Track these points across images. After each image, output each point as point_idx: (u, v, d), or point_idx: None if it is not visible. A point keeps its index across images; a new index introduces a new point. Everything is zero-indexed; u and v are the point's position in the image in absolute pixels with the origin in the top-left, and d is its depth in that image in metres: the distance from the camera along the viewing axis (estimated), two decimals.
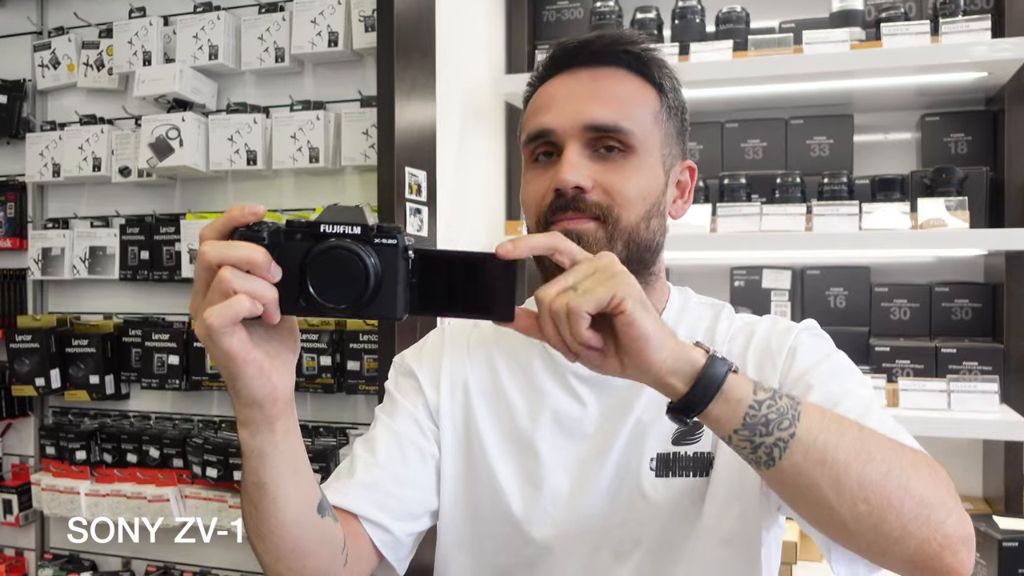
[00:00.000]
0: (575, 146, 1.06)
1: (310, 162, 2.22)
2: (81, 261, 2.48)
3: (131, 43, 2.40)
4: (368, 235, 0.80)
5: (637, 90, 1.10)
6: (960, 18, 2.27)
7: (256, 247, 0.77)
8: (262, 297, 0.77)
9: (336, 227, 0.80)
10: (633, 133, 1.07)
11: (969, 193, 2.32)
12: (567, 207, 1.05)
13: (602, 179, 1.06)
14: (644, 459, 1.09)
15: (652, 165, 1.09)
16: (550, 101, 1.11)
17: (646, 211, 1.08)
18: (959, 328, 2.50)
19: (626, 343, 0.81)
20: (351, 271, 0.78)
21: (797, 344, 1.10)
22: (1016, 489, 2.29)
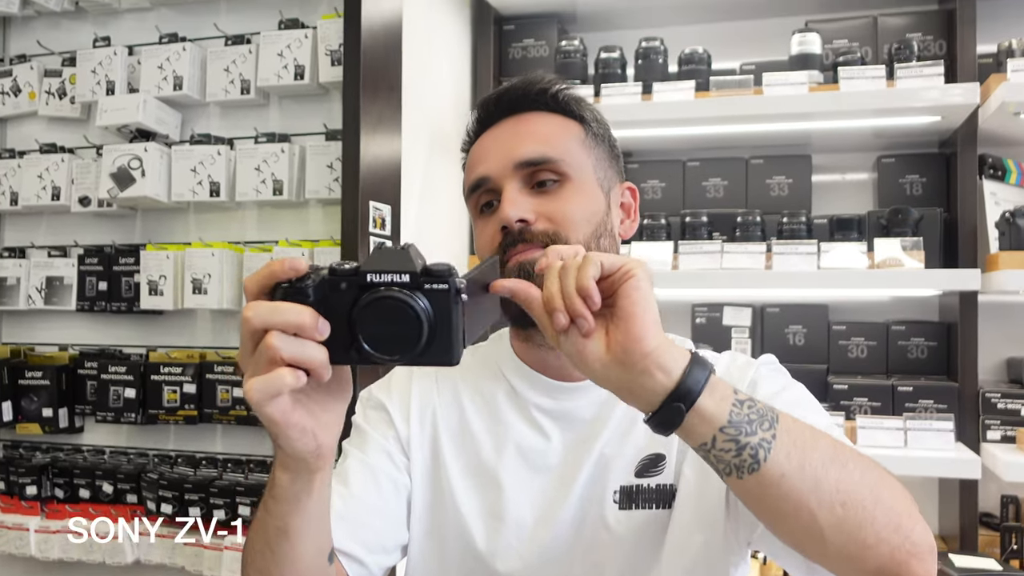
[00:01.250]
0: (512, 185, 1.11)
1: (274, 194, 2.21)
2: (37, 291, 2.44)
3: (95, 72, 2.38)
4: (418, 281, 0.75)
5: (559, 125, 1.16)
6: (914, 64, 2.34)
7: (302, 308, 0.74)
8: (311, 361, 0.74)
9: (383, 275, 0.75)
10: (563, 161, 1.12)
11: (924, 233, 2.37)
12: (515, 242, 1.08)
13: (544, 209, 1.10)
14: (608, 491, 1.10)
15: (589, 189, 1.13)
16: (482, 154, 1.16)
17: (593, 231, 1.11)
18: (915, 366, 2.54)
19: (624, 311, 0.81)
20: (402, 321, 0.75)
21: (757, 377, 1.12)
22: (971, 527, 2.32)
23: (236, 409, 2.21)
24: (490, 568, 1.12)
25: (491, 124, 1.19)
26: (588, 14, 2.91)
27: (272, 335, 0.73)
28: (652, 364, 0.80)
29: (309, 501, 0.86)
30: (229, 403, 2.21)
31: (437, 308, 0.76)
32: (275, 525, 0.87)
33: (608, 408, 1.13)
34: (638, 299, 0.81)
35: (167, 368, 2.27)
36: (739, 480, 0.83)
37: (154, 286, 2.28)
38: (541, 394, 1.16)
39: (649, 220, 2.57)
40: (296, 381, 0.74)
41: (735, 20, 2.87)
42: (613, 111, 2.52)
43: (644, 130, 2.63)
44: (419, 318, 0.75)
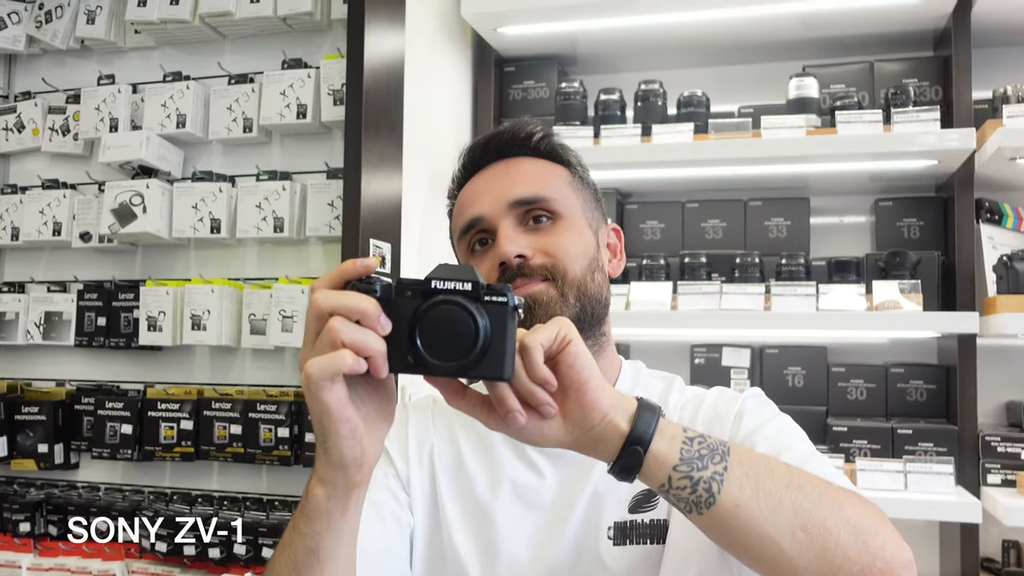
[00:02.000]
0: (507, 222, 1.14)
1: (274, 231, 2.22)
2: (36, 326, 2.43)
3: (98, 109, 2.40)
4: (478, 292, 0.79)
5: (546, 167, 1.20)
6: (911, 108, 2.36)
7: (367, 298, 0.77)
8: (369, 349, 0.76)
9: (447, 283, 0.79)
10: (555, 199, 1.16)
11: (922, 276, 2.38)
12: (513, 277, 1.11)
13: (540, 245, 1.13)
14: (602, 528, 1.10)
15: (580, 227, 1.18)
16: (473, 196, 1.19)
17: (588, 265, 1.15)
18: (914, 409, 2.53)
19: (573, 382, 0.82)
20: (460, 328, 0.78)
21: (743, 409, 1.14)
22: (973, 571, 2.30)
23: (233, 446, 2.20)
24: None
25: (479, 169, 1.22)
26: (588, 56, 2.95)
27: (336, 319, 0.76)
28: (609, 419, 0.83)
29: (343, 521, 0.86)
30: (226, 440, 2.20)
31: (494, 320, 0.79)
32: (305, 546, 0.86)
33: None
34: (583, 365, 0.82)
35: (164, 404, 2.26)
36: (700, 516, 0.85)
37: (153, 322, 2.28)
38: None
39: (648, 260, 2.58)
40: (356, 364, 0.75)
41: (733, 64, 2.91)
42: (612, 152, 2.54)
43: (643, 171, 2.65)
44: (477, 326, 0.78)
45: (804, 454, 1.04)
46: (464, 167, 1.24)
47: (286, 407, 2.17)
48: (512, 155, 1.21)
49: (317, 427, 0.80)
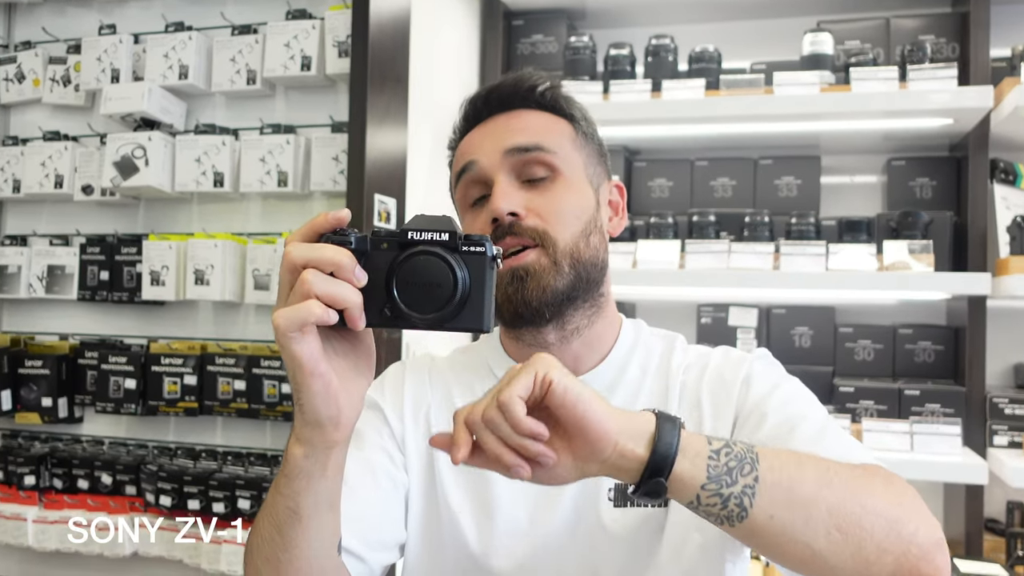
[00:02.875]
0: (503, 176, 1.10)
1: (278, 186, 2.19)
2: (38, 280, 2.42)
3: (100, 60, 2.36)
4: (456, 242, 0.78)
5: (549, 121, 1.16)
6: (927, 65, 2.31)
7: (342, 250, 0.76)
8: (344, 301, 0.75)
9: (424, 234, 0.78)
10: (555, 153, 1.12)
11: (934, 237, 2.35)
12: (504, 234, 1.08)
13: (534, 205, 1.09)
14: (602, 489, 1.09)
15: (580, 185, 1.13)
16: (471, 146, 1.16)
17: (582, 228, 1.11)
18: (922, 370, 2.52)
19: (570, 421, 0.78)
20: (439, 279, 0.77)
21: (751, 373, 1.11)
22: (977, 532, 2.30)
23: (237, 402, 2.19)
24: (484, 567, 1.10)
25: (479, 121, 1.18)
26: (598, 10, 2.89)
27: (309, 271, 0.75)
28: (621, 448, 0.79)
29: (323, 480, 0.84)
30: (230, 395, 2.20)
31: (473, 271, 0.78)
32: (286, 506, 0.85)
33: None
34: (575, 402, 0.77)
35: (168, 359, 2.25)
36: (732, 528, 0.82)
37: (156, 276, 2.26)
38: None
39: (656, 219, 2.55)
40: (325, 314, 0.74)
41: (746, 19, 2.85)
42: (622, 108, 2.50)
43: (652, 128, 2.61)
44: (455, 277, 0.77)
45: (819, 423, 1.02)
46: (465, 118, 1.20)
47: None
48: (514, 107, 1.17)
49: (292, 383, 0.79)
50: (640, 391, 1.14)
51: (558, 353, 1.09)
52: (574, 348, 1.13)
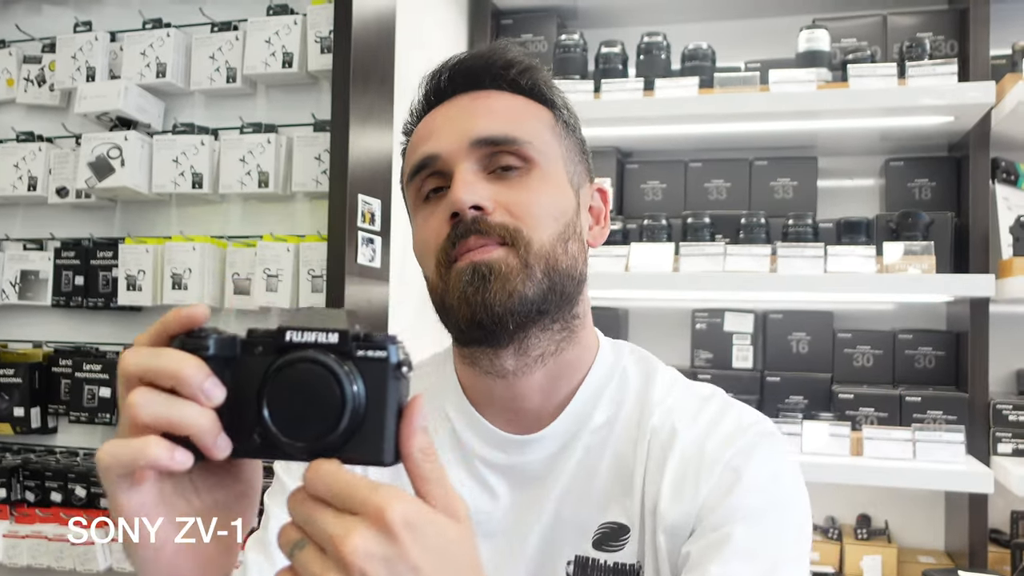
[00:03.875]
0: (466, 165, 0.92)
1: (259, 187, 2.11)
2: (11, 285, 2.34)
3: (75, 58, 2.29)
4: (348, 346, 0.60)
5: (526, 105, 0.99)
6: (926, 62, 2.26)
7: (186, 357, 0.59)
8: (187, 427, 0.58)
9: (305, 334, 0.60)
10: (531, 143, 0.94)
11: (934, 239, 2.28)
12: (468, 233, 0.89)
13: (504, 198, 0.91)
14: (560, 562, 0.94)
15: (559, 181, 0.96)
16: (429, 132, 0.96)
17: (560, 232, 0.93)
18: (922, 376, 2.45)
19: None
20: (321, 395, 0.59)
21: (741, 469, 0.89)
22: (981, 543, 2.23)
23: None
24: None
25: (442, 100, 0.99)
26: (589, 9, 2.83)
27: (139, 390, 0.58)
28: None
29: None
30: None
31: (370, 384, 0.60)
32: None
33: (562, 461, 0.95)
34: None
35: None
36: None
37: (132, 281, 2.18)
38: (489, 446, 0.97)
39: (649, 221, 2.48)
40: (167, 455, 0.57)
41: (740, 18, 2.79)
42: (613, 107, 2.44)
43: (645, 127, 2.54)
44: (343, 392, 0.59)
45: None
46: (425, 96, 1.01)
47: None
48: (484, 87, 0.98)
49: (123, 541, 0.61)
50: (603, 455, 0.95)
51: (519, 384, 0.94)
52: (537, 379, 0.95)
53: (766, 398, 2.45)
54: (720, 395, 0.99)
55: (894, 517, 2.50)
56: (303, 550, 0.56)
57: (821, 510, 2.51)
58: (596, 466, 0.94)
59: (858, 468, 2.15)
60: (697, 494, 0.88)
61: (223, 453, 0.59)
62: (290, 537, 0.57)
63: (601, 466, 0.94)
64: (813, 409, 2.39)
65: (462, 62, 0.99)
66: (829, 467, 2.15)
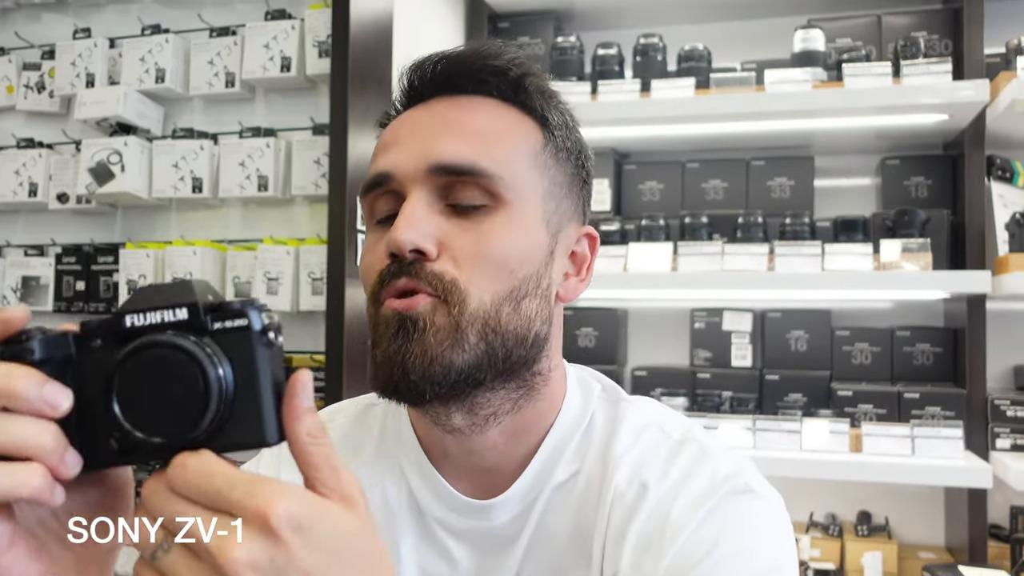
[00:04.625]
0: (420, 195, 0.78)
1: (259, 191, 2.13)
2: (12, 291, 2.35)
3: (74, 64, 2.30)
4: (199, 320, 0.52)
5: (510, 123, 0.83)
6: (921, 60, 2.27)
7: (15, 367, 0.51)
8: (30, 448, 0.50)
9: (147, 315, 0.52)
10: (498, 178, 0.79)
11: (931, 236, 2.29)
12: (399, 273, 0.77)
13: (452, 241, 0.78)
14: None
15: (528, 224, 0.81)
16: (392, 140, 0.83)
17: (512, 289, 0.79)
18: (921, 373, 2.46)
19: None
20: (180, 380, 0.51)
21: (714, 534, 0.77)
22: (981, 538, 2.23)
23: None
24: None
25: (418, 101, 0.86)
26: (585, 12, 2.84)
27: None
28: None
29: None
30: None
31: (237, 359, 0.52)
32: None
33: (520, 523, 0.86)
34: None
35: None
36: None
37: (133, 286, 2.19)
38: (448, 510, 0.87)
39: (647, 221, 2.50)
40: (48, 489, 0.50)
41: (735, 20, 2.80)
42: (610, 108, 2.45)
43: (642, 128, 2.55)
44: (203, 373, 0.51)
45: None
46: (404, 93, 0.87)
47: None
48: (466, 91, 0.84)
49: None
50: (563, 516, 0.85)
51: (472, 440, 0.83)
52: (492, 437, 0.83)
53: (765, 396, 2.46)
54: (695, 439, 0.86)
55: (894, 513, 2.51)
56: (168, 554, 0.50)
57: (821, 507, 2.52)
58: (557, 528, 0.84)
59: (858, 465, 2.16)
60: (658, 567, 0.76)
61: (73, 471, 0.52)
62: (150, 537, 0.50)
63: (561, 529, 0.84)
64: (812, 407, 2.40)
65: (446, 59, 0.84)
66: (829, 464, 2.16)
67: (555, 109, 0.86)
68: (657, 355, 2.78)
